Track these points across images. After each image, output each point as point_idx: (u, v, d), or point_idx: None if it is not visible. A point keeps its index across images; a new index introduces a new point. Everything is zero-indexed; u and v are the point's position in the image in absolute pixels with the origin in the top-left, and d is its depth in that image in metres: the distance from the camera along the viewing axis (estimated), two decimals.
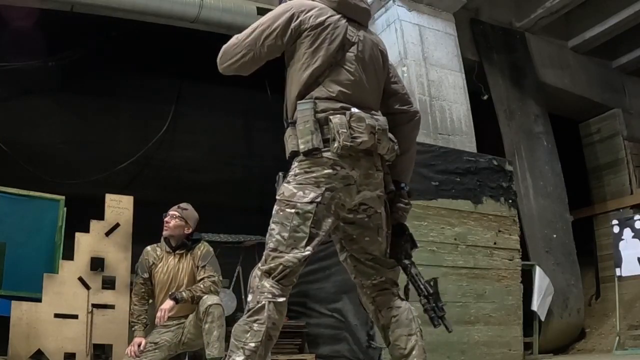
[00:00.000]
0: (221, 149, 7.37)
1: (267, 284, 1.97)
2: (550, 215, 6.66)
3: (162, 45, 6.72)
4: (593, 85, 7.98)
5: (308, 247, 2.00)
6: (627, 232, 6.19)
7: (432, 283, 2.20)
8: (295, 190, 2.02)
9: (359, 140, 2.03)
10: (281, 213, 2.03)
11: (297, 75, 2.15)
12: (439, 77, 5.84)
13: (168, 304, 3.57)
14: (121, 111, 6.89)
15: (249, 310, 1.96)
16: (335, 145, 2.00)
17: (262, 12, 6.14)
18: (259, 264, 2.05)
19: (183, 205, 3.91)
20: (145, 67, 6.82)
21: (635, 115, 8.20)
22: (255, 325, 1.92)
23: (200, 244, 3.89)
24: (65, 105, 6.54)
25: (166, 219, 3.83)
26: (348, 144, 2.01)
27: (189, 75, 7.16)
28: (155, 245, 3.92)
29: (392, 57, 5.85)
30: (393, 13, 5.86)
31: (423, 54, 5.83)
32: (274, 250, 2.00)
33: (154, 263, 3.83)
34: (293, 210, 2.00)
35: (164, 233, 3.84)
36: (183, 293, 3.63)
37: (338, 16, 2.21)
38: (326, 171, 2.02)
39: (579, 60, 7.91)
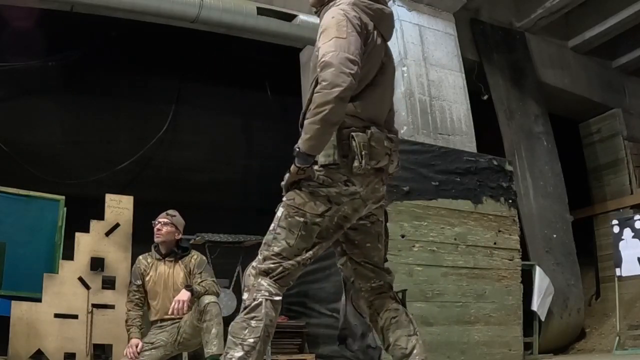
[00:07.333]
0: (221, 149, 7.37)
1: (264, 282, 2.01)
2: (550, 215, 6.66)
3: (162, 45, 6.72)
4: (593, 85, 7.99)
5: (309, 252, 2.06)
6: (627, 232, 6.19)
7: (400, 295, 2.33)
8: (307, 199, 2.05)
9: (375, 161, 2.06)
10: (290, 219, 2.05)
11: None
12: (439, 77, 5.84)
13: (185, 294, 3.58)
14: (121, 111, 6.88)
15: (245, 308, 1.99)
16: (356, 164, 2.03)
17: (262, 12, 6.14)
18: (254, 262, 2.07)
19: (171, 212, 3.97)
20: (145, 67, 6.82)
21: (635, 115, 8.20)
22: (253, 322, 1.96)
23: (192, 253, 3.96)
24: (65, 105, 6.53)
25: (157, 227, 3.89)
26: (369, 166, 2.04)
27: (189, 75, 7.17)
28: (146, 254, 3.97)
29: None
30: (393, 13, 5.85)
31: (423, 54, 5.83)
32: (278, 255, 2.03)
33: (145, 270, 3.88)
34: (302, 219, 2.04)
35: (157, 240, 3.90)
36: (196, 287, 3.64)
37: (380, 37, 2.19)
38: (338, 187, 2.05)
39: (579, 60, 7.92)
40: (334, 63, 1.93)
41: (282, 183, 2.10)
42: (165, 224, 3.87)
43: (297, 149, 1.98)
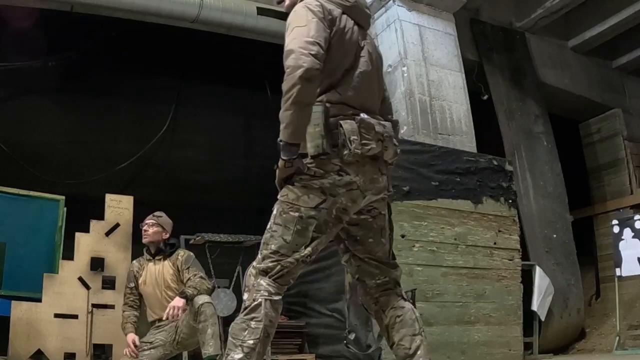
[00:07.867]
0: (221, 149, 7.38)
1: (264, 282, 2.00)
2: (550, 215, 6.66)
3: (162, 45, 6.72)
4: (593, 85, 7.98)
5: (308, 248, 2.03)
6: (627, 232, 6.19)
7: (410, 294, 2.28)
8: (300, 193, 2.03)
9: (367, 147, 2.04)
10: (284, 215, 2.03)
11: None
12: (439, 77, 5.83)
13: (179, 301, 3.64)
14: (121, 111, 6.88)
15: (245, 309, 1.99)
16: (346, 152, 2.01)
17: (262, 12, 6.14)
18: (254, 262, 2.07)
19: (157, 213, 4.08)
20: (145, 67, 6.82)
21: (635, 115, 8.20)
22: (253, 322, 1.95)
23: (179, 250, 4.05)
24: (66, 105, 6.53)
25: (144, 228, 3.99)
26: (359, 152, 2.02)
27: (189, 75, 7.17)
28: (139, 258, 4.09)
29: (392, 57, 5.89)
30: (393, 13, 5.86)
31: (423, 54, 5.82)
32: (275, 252, 2.02)
33: (138, 272, 3.98)
34: (297, 214, 2.02)
35: (144, 241, 4.01)
36: (188, 290, 3.69)
37: (352, 21, 2.20)
38: (331, 177, 2.03)
39: (579, 60, 7.91)
40: (294, 49, 1.95)
41: (276, 181, 2.10)
42: (152, 225, 3.97)
43: (280, 142, 1.98)
